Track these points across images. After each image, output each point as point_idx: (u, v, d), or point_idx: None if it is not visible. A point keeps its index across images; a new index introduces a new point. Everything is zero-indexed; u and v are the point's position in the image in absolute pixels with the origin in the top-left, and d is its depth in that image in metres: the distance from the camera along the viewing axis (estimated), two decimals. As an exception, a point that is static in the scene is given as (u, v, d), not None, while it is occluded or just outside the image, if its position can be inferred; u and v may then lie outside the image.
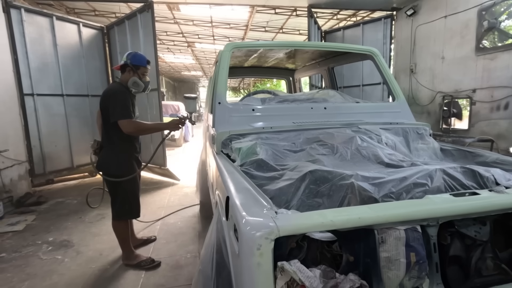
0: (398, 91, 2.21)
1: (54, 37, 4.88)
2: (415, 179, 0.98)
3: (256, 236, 0.72)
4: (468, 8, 4.20)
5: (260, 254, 0.71)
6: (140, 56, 2.37)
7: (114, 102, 2.18)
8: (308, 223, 0.75)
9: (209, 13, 7.63)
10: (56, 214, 3.76)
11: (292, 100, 2.09)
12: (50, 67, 4.87)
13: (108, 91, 2.28)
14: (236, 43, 2.09)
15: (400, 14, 5.56)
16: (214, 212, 1.62)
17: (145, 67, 2.39)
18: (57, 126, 5.02)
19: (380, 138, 1.64)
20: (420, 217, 0.81)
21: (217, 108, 1.83)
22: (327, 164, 1.25)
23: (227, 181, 1.12)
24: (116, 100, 2.19)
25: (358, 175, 0.99)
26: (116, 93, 2.22)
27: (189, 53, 13.82)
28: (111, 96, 2.21)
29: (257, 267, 0.71)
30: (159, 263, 2.48)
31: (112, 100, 2.19)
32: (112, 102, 2.19)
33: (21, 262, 2.60)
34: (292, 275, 0.70)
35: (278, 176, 1.18)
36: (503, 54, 3.79)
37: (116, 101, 2.19)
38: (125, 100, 2.23)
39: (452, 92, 4.52)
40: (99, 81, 5.73)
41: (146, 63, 2.39)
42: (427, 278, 0.84)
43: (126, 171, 2.32)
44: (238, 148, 1.41)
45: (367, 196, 0.94)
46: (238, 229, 0.78)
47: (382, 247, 0.80)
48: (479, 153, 1.57)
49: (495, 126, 3.92)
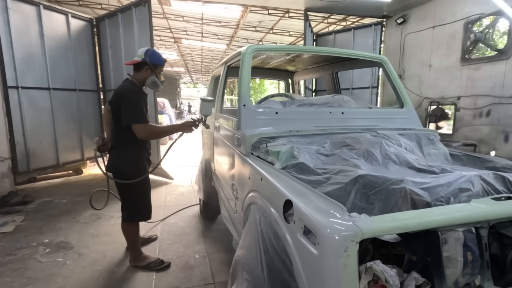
0: (407, 98, 2.34)
1: (41, 27, 4.61)
2: (459, 184, 1.07)
3: (343, 239, 0.77)
4: (455, 20, 4.49)
5: (347, 255, 0.76)
6: (158, 54, 2.28)
7: (127, 104, 2.09)
8: (386, 226, 0.81)
9: (200, 10, 7.54)
10: (46, 215, 3.58)
11: (310, 104, 2.15)
12: (36, 58, 4.60)
13: (121, 91, 2.17)
14: (257, 46, 2.11)
15: (390, 22, 5.81)
16: (239, 213, 1.62)
17: (163, 66, 2.33)
18: (43, 121, 4.76)
19: (400, 143, 1.74)
20: (477, 220, 0.89)
21: (243, 110, 1.85)
22: (364, 168, 1.32)
23: (279, 184, 1.15)
24: (129, 102, 2.10)
25: (408, 180, 1.07)
26: (130, 95, 2.13)
27: (175, 49, 13.53)
28: (125, 98, 2.12)
29: (343, 268, 0.76)
30: (168, 264, 2.46)
31: (126, 103, 2.09)
32: (125, 105, 2.10)
33: (18, 265, 2.46)
34: (379, 274, 0.76)
35: (324, 179, 1.23)
36: (486, 65, 4.10)
37: (130, 104, 2.10)
38: (139, 103, 2.14)
39: (438, 98, 4.81)
40: (87, 75, 5.50)
41: (164, 62, 2.33)
42: (479, 274, 0.92)
43: (138, 172, 2.25)
44: (276, 151, 1.45)
45: (419, 200, 1.02)
46: (318, 233, 0.82)
47: (444, 247, 0.88)
48: (488, 159, 1.71)
49: (477, 131, 4.23)
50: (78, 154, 5.41)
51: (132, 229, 2.40)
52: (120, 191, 2.33)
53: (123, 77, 5.08)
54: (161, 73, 2.34)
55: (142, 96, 2.24)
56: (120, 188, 2.31)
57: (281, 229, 1.07)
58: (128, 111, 2.07)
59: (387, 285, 0.78)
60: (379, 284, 0.81)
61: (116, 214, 3.59)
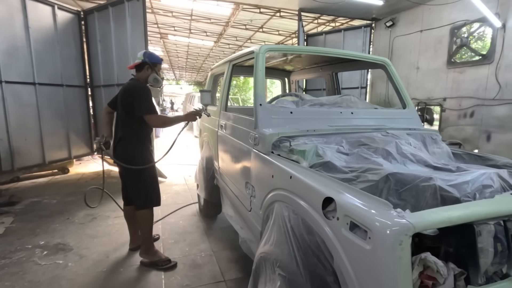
0: (408, 100, 2.45)
1: (26, 18, 4.37)
2: (482, 181, 1.16)
3: (397, 233, 0.82)
4: (442, 25, 4.72)
5: (402, 248, 0.81)
6: (155, 55, 2.51)
7: (140, 98, 2.30)
8: (433, 220, 0.87)
9: (191, 6, 7.43)
10: (37, 215, 3.43)
11: (321, 104, 2.20)
12: (20, 51, 4.36)
13: (131, 87, 2.35)
14: (270, 46, 2.13)
15: (379, 24, 6.01)
16: (255, 211, 1.63)
17: (161, 64, 2.55)
18: (28, 118, 4.52)
19: (409, 142, 1.83)
20: (506, 214, 0.98)
21: (259, 109, 1.87)
22: (387, 166, 1.39)
23: (314, 182, 1.19)
24: (141, 96, 2.31)
25: (436, 178, 1.14)
26: (141, 90, 2.33)
27: (160, 45, 13.23)
28: (136, 92, 2.31)
29: (398, 260, 0.81)
30: (175, 263, 2.45)
31: (139, 97, 2.29)
32: (137, 98, 2.30)
33: (16, 269, 2.36)
34: (431, 265, 0.82)
35: (353, 177, 1.28)
36: (470, 69, 4.35)
37: (142, 97, 2.31)
38: (150, 96, 2.35)
39: (425, 99, 5.05)
40: (74, 70, 5.28)
41: (161, 61, 2.55)
42: (506, 263, 1.01)
43: (149, 160, 2.45)
44: (302, 150, 1.48)
45: (448, 196, 1.09)
46: (371, 228, 0.87)
47: (478, 239, 0.95)
48: (489, 157, 1.84)
49: (462, 131, 4.49)
50: (65, 153, 5.20)
51: (149, 215, 2.48)
52: (132, 181, 2.42)
53: (114, 72, 5.04)
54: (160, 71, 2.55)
55: (151, 92, 2.43)
56: (133, 177, 2.39)
57: (320, 226, 1.11)
58: (142, 104, 2.28)
59: (436, 276, 0.85)
60: (425, 274, 0.88)
61: (112, 214, 3.51)
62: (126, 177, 2.46)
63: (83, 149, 5.59)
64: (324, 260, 1.18)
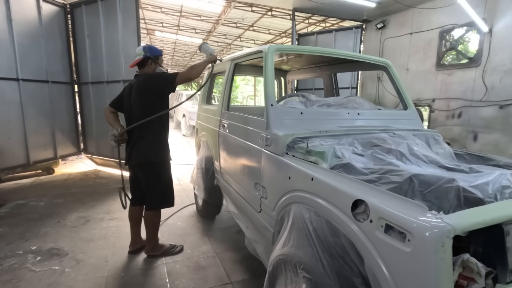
0: (409, 101, 2.51)
1: (8, 10, 4.13)
2: (500, 182, 1.20)
3: (439, 235, 0.83)
4: (431, 28, 4.88)
5: (444, 250, 0.82)
6: (155, 47, 2.49)
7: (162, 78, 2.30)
8: (470, 222, 0.89)
9: (181, 2, 7.28)
10: (25, 219, 3.26)
11: (328, 105, 2.22)
12: (3, 45, 4.11)
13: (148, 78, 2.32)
14: (278, 46, 2.12)
15: (370, 26, 6.13)
16: (267, 212, 1.61)
17: (162, 56, 2.51)
18: (11, 116, 4.28)
19: (417, 143, 1.88)
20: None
21: (271, 110, 1.86)
22: (404, 167, 1.41)
23: (341, 184, 1.19)
24: (162, 76, 2.32)
25: (459, 179, 1.17)
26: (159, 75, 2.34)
27: (147, 41, 12.88)
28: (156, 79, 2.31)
29: (441, 262, 0.83)
30: (182, 246, 2.66)
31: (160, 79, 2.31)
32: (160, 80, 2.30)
33: (8, 276, 2.22)
34: (472, 266, 0.84)
35: (375, 179, 1.29)
36: (458, 71, 4.52)
37: (162, 76, 2.32)
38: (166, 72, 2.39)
39: (415, 100, 5.20)
40: (60, 65, 5.05)
41: (161, 53, 2.52)
42: (527, 261, 1.05)
43: (169, 157, 2.50)
44: (320, 152, 1.48)
45: (472, 197, 1.13)
46: (411, 231, 0.88)
47: (507, 238, 0.98)
48: (490, 157, 1.91)
49: (450, 131, 4.66)
50: (50, 152, 4.96)
51: (159, 215, 2.51)
52: (151, 179, 2.40)
53: (103, 69, 4.87)
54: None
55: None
56: (152, 175, 2.39)
57: (348, 228, 1.11)
58: (166, 78, 2.29)
59: (475, 276, 0.87)
60: (462, 275, 0.90)
61: (106, 217, 3.39)
62: (146, 177, 2.40)
63: (70, 148, 5.37)
64: (350, 262, 1.19)
